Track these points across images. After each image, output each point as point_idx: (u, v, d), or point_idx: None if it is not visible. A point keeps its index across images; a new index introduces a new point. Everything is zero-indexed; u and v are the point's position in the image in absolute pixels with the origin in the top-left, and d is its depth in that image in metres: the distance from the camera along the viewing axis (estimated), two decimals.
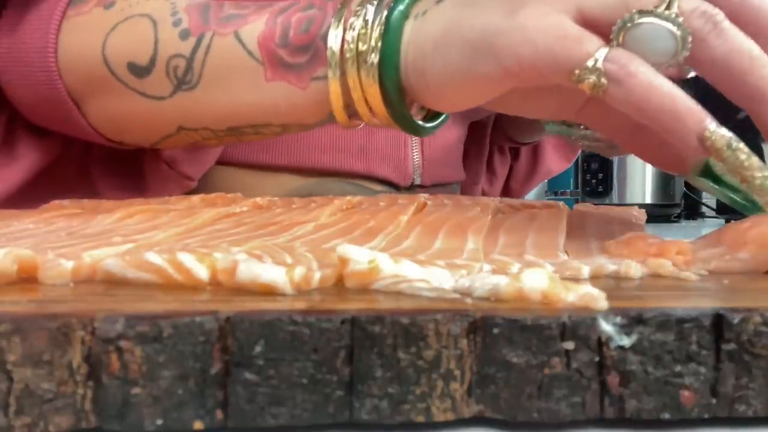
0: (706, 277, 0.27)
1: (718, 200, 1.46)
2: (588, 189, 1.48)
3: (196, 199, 0.44)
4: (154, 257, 0.24)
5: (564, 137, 0.75)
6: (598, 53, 0.31)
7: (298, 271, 0.23)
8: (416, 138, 0.68)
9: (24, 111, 0.47)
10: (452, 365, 0.20)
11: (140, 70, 0.43)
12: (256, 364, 0.19)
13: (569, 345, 0.20)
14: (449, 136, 0.72)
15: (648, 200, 1.43)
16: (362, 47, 0.38)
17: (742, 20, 0.32)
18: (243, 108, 0.43)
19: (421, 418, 0.20)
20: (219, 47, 0.42)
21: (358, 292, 0.23)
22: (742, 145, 0.30)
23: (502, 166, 0.90)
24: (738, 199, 0.37)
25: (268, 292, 0.23)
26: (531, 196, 2.11)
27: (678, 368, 0.20)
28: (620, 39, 0.31)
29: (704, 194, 1.67)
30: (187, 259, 0.24)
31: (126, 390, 0.19)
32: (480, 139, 0.82)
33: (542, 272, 0.22)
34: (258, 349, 0.19)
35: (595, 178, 1.46)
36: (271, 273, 0.23)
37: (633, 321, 0.20)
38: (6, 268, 0.24)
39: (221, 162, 0.62)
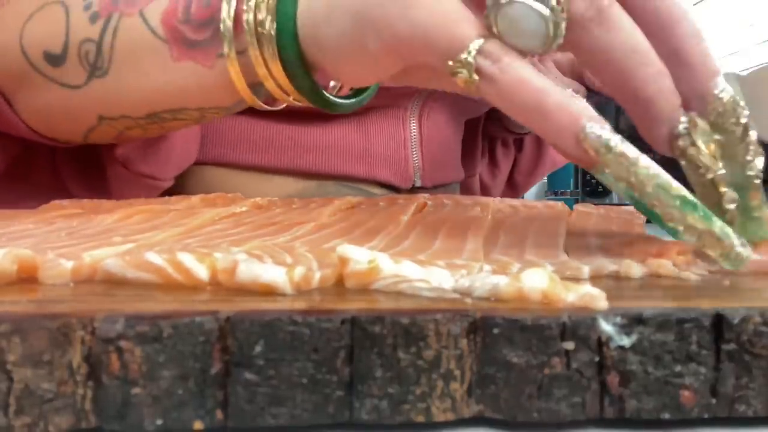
0: (706, 277, 0.27)
1: None
2: (588, 189, 1.48)
3: (196, 199, 0.44)
4: (154, 257, 0.24)
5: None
6: (473, 44, 0.28)
7: (298, 271, 0.23)
8: (416, 139, 0.67)
9: None
10: (452, 365, 0.20)
11: (55, 59, 0.42)
12: (256, 364, 0.19)
13: (569, 345, 0.20)
14: (447, 135, 0.72)
15: None
16: (260, 16, 0.35)
17: (638, 11, 0.29)
18: (156, 92, 0.41)
19: (421, 418, 0.20)
20: (125, 28, 0.40)
21: (358, 292, 0.23)
22: (626, 146, 0.26)
23: (505, 158, 0.89)
24: (639, 201, 0.35)
25: (268, 292, 0.23)
26: (531, 196, 2.12)
27: (678, 368, 0.20)
28: (494, 18, 0.28)
29: None
30: (187, 259, 0.24)
31: (126, 390, 0.19)
32: (472, 132, 0.82)
33: (542, 272, 0.22)
34: (258, 349, 0.19)
35: (595, 178, 1.46)
36: (271, 273, 0.23)
37: (633, 321, 0.20)
38: (6, 268, 0.24)
39: (217, 164, 0.61)
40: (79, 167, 0.53)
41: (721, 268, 0.28)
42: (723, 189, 0.28)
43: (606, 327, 0.20)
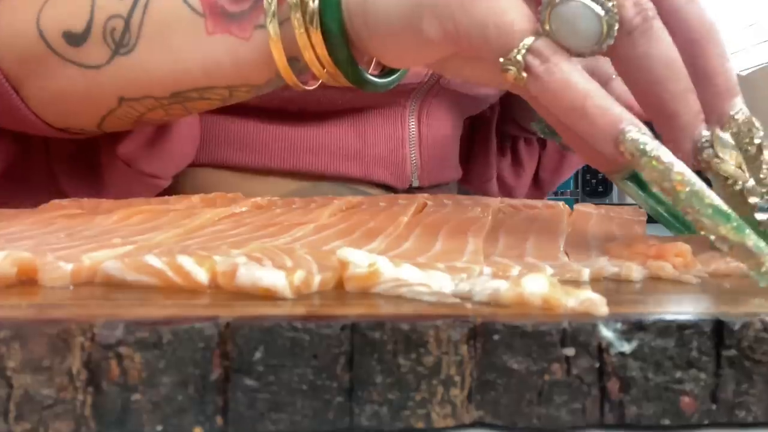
0: (707, 282, 0.27)
1: None
2: (588, 189, 1.48)
3: (196, 199, 0.44)
4: (153, 260, 0.24)
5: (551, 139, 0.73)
6: (524, 42, 0.29)
7: (298, 275, 0.23)
8: (414, 138, 0.66)
9: None
10: (452, 371, 0.20)
11: (76, 38, 0.42)
12: (256, 370, 0.19)
13: (569, 351, 0.20)
14: (445, 133, 0.71)
15: None
16: None
17: (674, 23, 0.30)
18: (185, 69, 0.41)
19: (421, 425, 0.20)
20: (157, 3, 0.40)
21: (358, 296, 0.23)
22: (662, 151, 0.27)
23: (529, 156, 0.86)
24: (661, 212, 0.35)
25: (268, 296, 0.22)
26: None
27: (678, 374, 0.20)
28: (547, 16, 0.29)
29: None
30: (187, 262, 0.24)
31: (126, 396, 0.19)
32: (485, 134, 0.81)
33: (542, 277, 0.22)
34: (258, 355, 0.19)
35: (595, 178, 1.46)
36: (271, 277, 0.23)
37: (633, 327, 0.20)
38: (5, 270, 0.24)
39: (212, 165, 0.61)
40: (74, 166, 0.53)
41: (719, 270, 0.28)
42: (753, 199, 0.29)
43: (606, 333, 0.20)
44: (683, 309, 0.22)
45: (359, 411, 0.19)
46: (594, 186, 1.45)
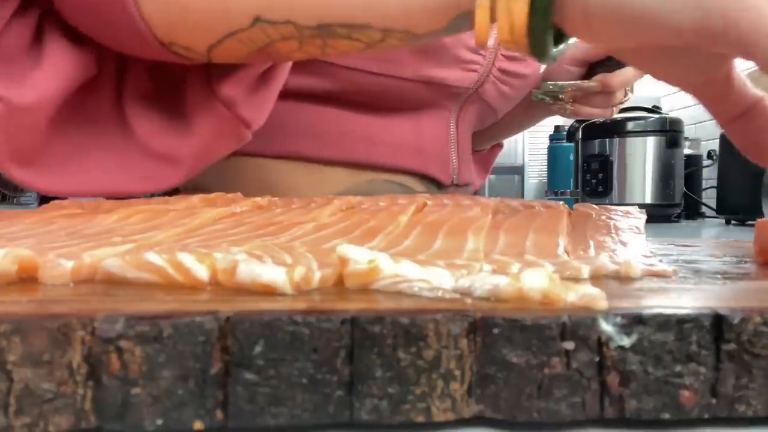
0: (705, 277, 0.27)
1: (718, 200, 1.46)
2: (588, 189, 1.48)
3: (195, 199, 0.44)
4: (154, 257, 0.24)
5: (545, 104, 0.76)
6: None
7: (298, 271, 0.23)
8: (453, 139, 0.70)
9: (66, 5, 0.40)
10: (452, 365, 0.20)
11: None
12: (256, 364, 0.19)
13: (569, 345, 0.20)
14: (469, 139, 0.75)
15: (648, 200, 1.43)
16: None
17: None
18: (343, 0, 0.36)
19: (421, 418, 0.20)
20: None
21: (358, 291, 0.23)
22: None
23: None
24: None
25: (268, 292, 0.23)
26: (531, 196, 2.11)
27: (678, 368, 0.20)
28: None
29: (704, 194, 1.67)
30: (187, 259, 0.24)
31: (126, 390, 0.19)
32: None
33: (542, 272, 0.22)
34: (258, 349, 0.19)
35: (595, 178, 1.46)
36: (271, 273, 0.23)
37: (633, 321, 0.20)
38: (6, 268, 0.24)
39: (277, 156, 0.61)
40: (149, 107, 0.48)
41: (718, 270, 0.28)
42: None
43: (606, 327, 0.20)
44: (682, 303, 0.22)
45: (359, 405, 0.19)
46: (594, 186, 1.45)
